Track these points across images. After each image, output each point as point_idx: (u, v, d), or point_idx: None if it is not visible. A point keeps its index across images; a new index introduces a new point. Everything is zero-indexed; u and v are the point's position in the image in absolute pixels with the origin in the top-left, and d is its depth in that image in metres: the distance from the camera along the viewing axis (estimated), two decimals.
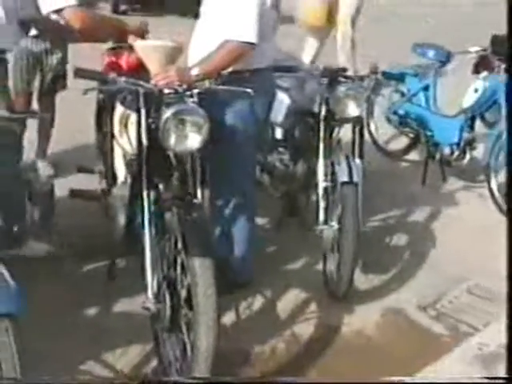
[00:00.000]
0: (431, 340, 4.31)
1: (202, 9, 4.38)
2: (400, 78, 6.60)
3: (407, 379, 3.63)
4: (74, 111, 5.77)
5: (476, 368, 3.83)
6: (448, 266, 5.09)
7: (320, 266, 4.79)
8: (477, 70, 6.63)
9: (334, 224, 4.55)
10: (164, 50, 4.25)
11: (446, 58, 6.65)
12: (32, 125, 5.87)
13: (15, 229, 4.62)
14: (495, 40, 6.47)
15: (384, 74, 6.01)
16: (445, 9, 16.39)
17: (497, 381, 3.33)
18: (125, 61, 4.68)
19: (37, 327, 3.54)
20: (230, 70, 4.13)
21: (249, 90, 3.90)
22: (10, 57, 4.69)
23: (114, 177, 4.71)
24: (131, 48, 4.55)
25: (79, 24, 4.29)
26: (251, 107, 4.22)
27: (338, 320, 4.42)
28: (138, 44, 4.49)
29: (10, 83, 4.98)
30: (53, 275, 4.62)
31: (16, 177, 4.50)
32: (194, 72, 3.99)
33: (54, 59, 5.91)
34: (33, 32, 5.31)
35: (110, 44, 4.91)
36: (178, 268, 3.57)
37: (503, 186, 5.97)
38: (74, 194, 5.08)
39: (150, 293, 3.66)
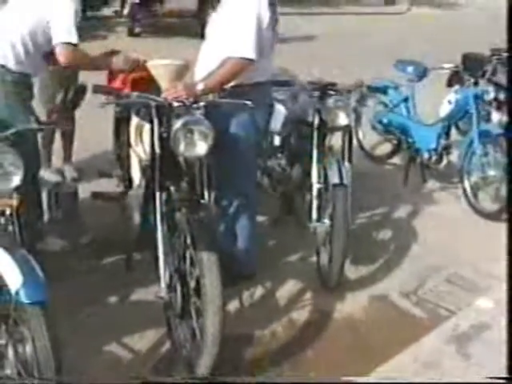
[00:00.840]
0: (413, 323, 4.31)
1: (207, 30, 4.39)
2: (383, 90, 6.62)
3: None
4: (94, 123, 5.75)
5: (452, 346, 3.85)
6: (428, 257, 5.09)
7: (314, 259, 4.77)
8: (450, 83, 6.66)
9: (326, 221, 4.53)
10: (173, 68, 4.26)
11: (422, 73, 6.65)
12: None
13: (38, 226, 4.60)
14: (466, 58, 6.54)
15: (368, 87, 6.01)
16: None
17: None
18: (120, 80, 4.67)
19: (62, 315, 3.52)
20: (232, 84, 4.12)
21: (248, 103, 3.89)
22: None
23: (130, 180, 4.71)
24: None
25: (64, 61, 4.31)
26: (252, 117, 4.21)
27: (330, 307, 4.42)
28: (150, 63, 4.51)
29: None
30: (75, 268, 4.61)
31: (35, 179, 4.48)
32: (200, 87, 3.99)
33: (73, 78, 5.90)
34: None
35: None
36: (188, 261, 3.58)
37: (475, 187, 5.99)
38: (96, 195, 5.09)
39: (162, 283, 3.67)
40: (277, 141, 5.21)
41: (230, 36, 4.05)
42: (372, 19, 17.04)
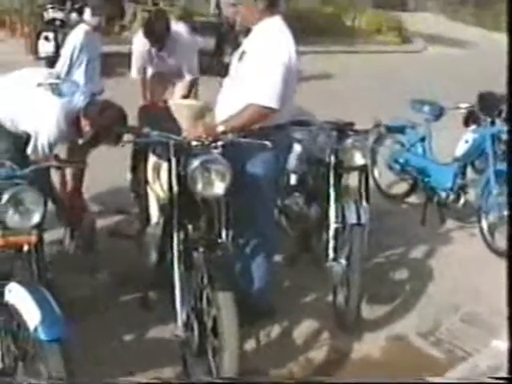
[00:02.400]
0: (430, 363, 4.30)
1: (231, 71, 4.37)
2: (400, 130, 6.64)
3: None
4: (111, 158, 5.77)
5: None
6: (444, 297, 5.08)
7: (330, 299, 4.77)
8: (467, 123, 6.67)
9: (343, 261, 4.53)
10: (194, 108, 4.29)
11: (439, 113, 6.68)
12: None
13: None
14: (482, 98, 6.54)
15: (386, 127, 6.05)
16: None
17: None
18: None
19: (78, 351, 3.52)
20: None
21: (267, 143, 3.92)
22: None
23: (148, 218, 4.73)
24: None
25: None
26: (270, 157, 4.21)
27: (347, 346, 4.40)
28: (172, 103, 4.56)
29: None
30: (91, 304, 4.60)
31: None
32: (220, 129, 4.01)
33: None
34: None
35: None
36: (205, 300, 3.58)
37: (492, 226, 5.97)
38: (113, 233, 5.10)
39: (179, 322, 3.68)
40: (294, 179, 5.23)
41: (255, 80, 4.06)
42: (388, 57, 17.10)
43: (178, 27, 6.59)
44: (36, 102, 4.44)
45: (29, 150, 4.37)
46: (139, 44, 6.40)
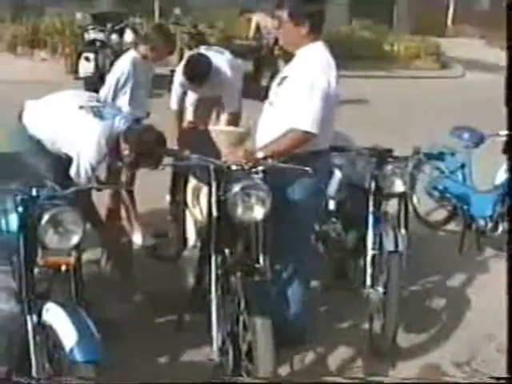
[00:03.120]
0: None
1: (271, 95, 4.37)
2: (439, 157, 6.58)
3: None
4: (148, 181, 5.80)
5: None
6: (481, 326, 5.03)
7: (366, 326, 4.73)
8: (506, 150, 6.60)
9: (380, 289, 4.50)
10: (233, 135, 4.29)
11: (479, 140, 6.63)
12: None
13: None
14: None
15: (425, 154, 6.00)
16: None
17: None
18: None
19: (114, 373, 3.52)
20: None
21: (307, 169, 3.91)
22: None
23: (185, 241, 4.73)
24: None
25: None
26: (310, 183, 4.20)
27: (382, 374, 4.35)
28: (212, 128, 4.57)
29: None
30: (128, 326, 4.59)
31: None
32: (260, 155, 4.01)
33: None
34: None
35: None
36: (241, 325, 3.57)
37: None
38: (150, 254, 5.11)
39: (215, 346, 3.67)
40: (332, 205, 5.20)
41: (295, 107, 4.07)
42: (426, 83, 17.02)
43: (219, 61, 6.32)
44: (77, 124, 4.49)
45: (71, 172, 4.41)
46: (179, 76, 6.35)
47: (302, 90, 4.07)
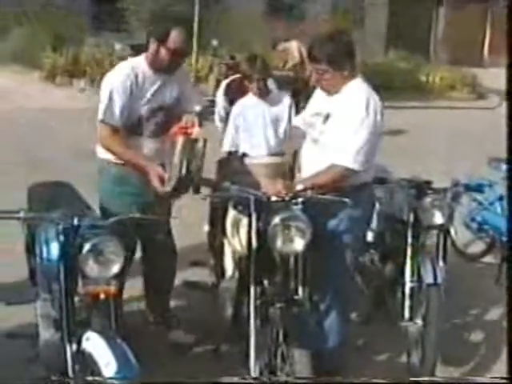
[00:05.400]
0: None
1: (314, 133, 4.33)
2: (477, 189, 6.54)
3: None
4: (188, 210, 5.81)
5: None
6: None
7: (404, 359, 4.69)
8: None
9: (419, 321, 4.46)
10: (271, 166, 4.26)
11: None
12: None
13: None
14: None
15: (464, 185, 5.96)
16: None
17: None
18: None
19: None
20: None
21: (346, 200, 3.89)
22: None
23: (223, 271, 4.73)
24: None
25: (101, 140, 4.40)
26: (352, 216, 4.19)
27: None
28: (248, 161, 4.56)
29: None
30: (164, 354, 4.60)
31: None
32: (299, 187, 4.01)
33: None
34: None
35: None
36: (279, 357, 3.55)
37: None
38: (188, 284, 5.12)
39: (252, 376, 3.64)
40: (370, 237, 5.17)
41: (341, 143, 4.08)
42: (462, 114, 16.96)
43: None
44: None
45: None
46: (221, 97, 6.36)
47: (349, 128, 4.08)
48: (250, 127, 5.33)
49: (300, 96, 13.24)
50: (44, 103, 12.91)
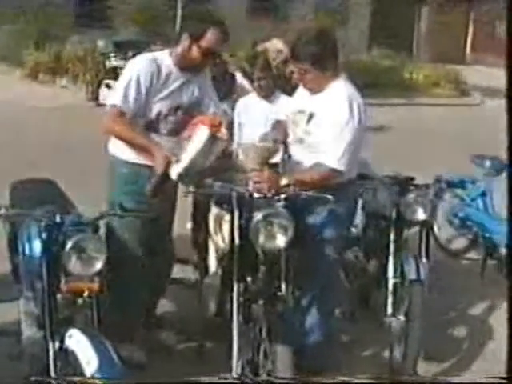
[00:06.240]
0: None
1: (299, 132, 4.36)
2: (460, 185, 6.57)
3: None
4: None
5: None
6: (502, 355, 4.93)
7: (386, 354, 4.69)
8: None
9: (401, 317, 4.47)
10: (263, 150, 4.16)
11: (500, 168, 6.59)
12: None
13: None
14: None
15: (446, 182, 5.99)
16: None
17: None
18: None
19: None
20: None
21: (329, 197, 3.90)
22: None
23: (207, 268, 4.73)
24: None
25: (108, 124, 4.24)
26: (335, 212, 4.20)
27: None
28: (241, 144, 4.55)
29: None
30: (147, 352, 4.57)
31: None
32: (284, 182, 3.99)
33: None
34: None
35: None
36: (261, 354, 3.55)
37: None
38: (172, 281, 5.10)
39: (234, 374, 3.64)
40: (354, 233, 5.19)
41: (327, 145, 4.10)
42: (446, 111, 17.04)
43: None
44: None
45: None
46: None
47: (334, 129, 4.10)
48: (251, 125, 5.32)
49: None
50: (25, 101, 12.84)
